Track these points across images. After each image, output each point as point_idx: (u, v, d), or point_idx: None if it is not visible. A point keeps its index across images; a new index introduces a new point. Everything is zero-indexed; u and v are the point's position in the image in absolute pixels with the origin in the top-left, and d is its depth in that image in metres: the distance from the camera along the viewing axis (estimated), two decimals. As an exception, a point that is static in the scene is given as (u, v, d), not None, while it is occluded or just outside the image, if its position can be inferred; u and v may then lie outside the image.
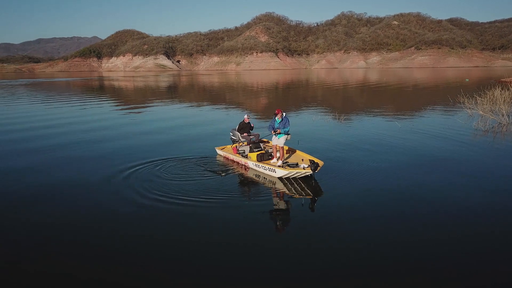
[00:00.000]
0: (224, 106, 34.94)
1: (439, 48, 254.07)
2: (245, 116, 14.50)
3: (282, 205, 10.10)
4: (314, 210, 9.61)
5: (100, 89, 67.45)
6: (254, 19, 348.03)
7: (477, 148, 15.64)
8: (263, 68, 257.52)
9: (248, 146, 13.71)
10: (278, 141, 12.42)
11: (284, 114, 12.51)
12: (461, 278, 6.42)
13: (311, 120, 24.25)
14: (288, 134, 12.41)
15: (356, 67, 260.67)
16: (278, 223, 8.98)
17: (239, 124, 14.32)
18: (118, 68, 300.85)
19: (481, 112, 22.21)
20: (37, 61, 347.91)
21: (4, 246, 7.69)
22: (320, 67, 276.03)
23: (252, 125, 14.50)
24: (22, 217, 9.13)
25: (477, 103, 24.06)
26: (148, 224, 8.60)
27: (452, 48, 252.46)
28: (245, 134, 14.18)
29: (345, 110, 28.62)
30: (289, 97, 48.55)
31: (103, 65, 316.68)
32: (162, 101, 40.21)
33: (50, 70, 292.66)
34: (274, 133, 12.34)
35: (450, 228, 8.20)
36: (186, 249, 7.47)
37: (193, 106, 35.44)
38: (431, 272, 6.53)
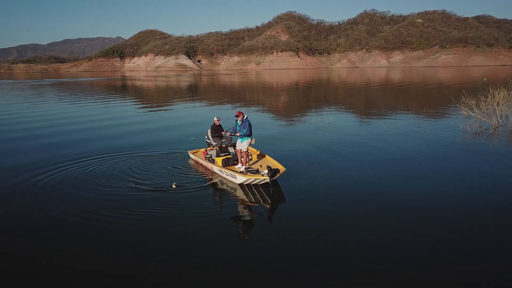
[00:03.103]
0: (242, 105, 34.57)
1: (464, 47, 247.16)
2: (215, 119, 13.84)
3: (240, 214, 9.47)
4: (272, 220, 9.22)
5: (122, 88, 68.33)
6: (275, 18, 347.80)
7: (451, 150, 15.13)
8: (283, 68, 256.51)
9: (215, 150, 13.36)
10: (241, 145, 12.10)
11: (245, 116, 12.23)
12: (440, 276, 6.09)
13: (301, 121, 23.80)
14: (251, 138, 12.13)
15: (378, 66, 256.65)
16: (236, 232, 8.43)
17: (211, 127, 13.73)
18: (140, 68, 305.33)
19: (472, 114, 21.73)
20: (63, 61, 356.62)
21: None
22: (342, 66, 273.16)
23: (224, 132, 13.63)
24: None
25: (478, 104, 23.17)
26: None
27: (478, 47, 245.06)
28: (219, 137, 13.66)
29: (344, 111, 27.99)
30: (300, 97, 47.97)
31: (126, 65, 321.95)
32: (183, 100, 40.19)
33: (75, 70, 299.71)
34: (230, 135, 12.35)
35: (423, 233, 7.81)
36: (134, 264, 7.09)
37: (215, 104, 35.25)
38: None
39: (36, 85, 78.43)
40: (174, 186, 11.02)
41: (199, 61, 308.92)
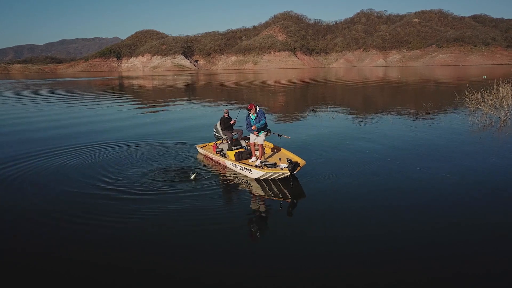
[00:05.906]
0: (243, 104, 34.01)
1: (461, 46, 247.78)
2: (224, 111, 13.27)
3: (257, 210, 8.93)
4: (292, 215, 8.66)
5: (127, 88, 67.93)
6: (272, 18, 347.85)
7: (459, 143, 14.94)
8: (281, 67, 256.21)
9: (227, 144, 12.80)
10: (258, 138, 11.42)
11: (257, 108, 11.43)
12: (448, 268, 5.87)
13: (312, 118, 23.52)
14: (268, 131, 11.54)
15: (375, 65, 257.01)
16: (252, 230, 7.85)
17: (220, 120, 13.13)
18: (137, 68, 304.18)
19: (479, 107, 21.77)
20: (59, 61, 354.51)
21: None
22: (339, 66, 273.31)
23: (233, 121, 13.18)
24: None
25: (483, 98, 23.06)
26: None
27: (475, 46, 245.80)
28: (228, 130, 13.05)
29: (345, 107, 27.78)
30: (299, 95, 47.75)
31: (123, 65, 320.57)
32: (182, 99, 39.85)
33: (72, 70, 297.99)
34: (254, 131, 11.34)
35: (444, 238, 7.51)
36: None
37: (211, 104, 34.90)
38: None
39: (40, 84, 77.80)
40: (192, 178, 10.58)
41: (196, 61, 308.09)
